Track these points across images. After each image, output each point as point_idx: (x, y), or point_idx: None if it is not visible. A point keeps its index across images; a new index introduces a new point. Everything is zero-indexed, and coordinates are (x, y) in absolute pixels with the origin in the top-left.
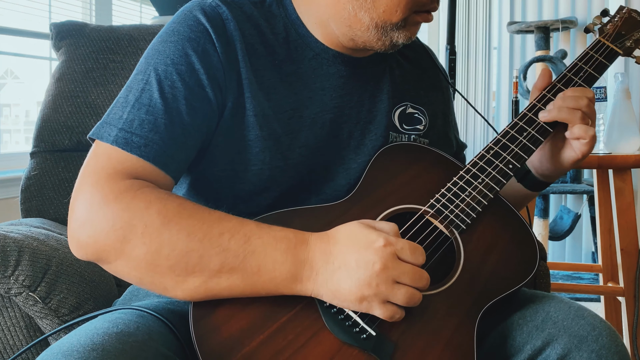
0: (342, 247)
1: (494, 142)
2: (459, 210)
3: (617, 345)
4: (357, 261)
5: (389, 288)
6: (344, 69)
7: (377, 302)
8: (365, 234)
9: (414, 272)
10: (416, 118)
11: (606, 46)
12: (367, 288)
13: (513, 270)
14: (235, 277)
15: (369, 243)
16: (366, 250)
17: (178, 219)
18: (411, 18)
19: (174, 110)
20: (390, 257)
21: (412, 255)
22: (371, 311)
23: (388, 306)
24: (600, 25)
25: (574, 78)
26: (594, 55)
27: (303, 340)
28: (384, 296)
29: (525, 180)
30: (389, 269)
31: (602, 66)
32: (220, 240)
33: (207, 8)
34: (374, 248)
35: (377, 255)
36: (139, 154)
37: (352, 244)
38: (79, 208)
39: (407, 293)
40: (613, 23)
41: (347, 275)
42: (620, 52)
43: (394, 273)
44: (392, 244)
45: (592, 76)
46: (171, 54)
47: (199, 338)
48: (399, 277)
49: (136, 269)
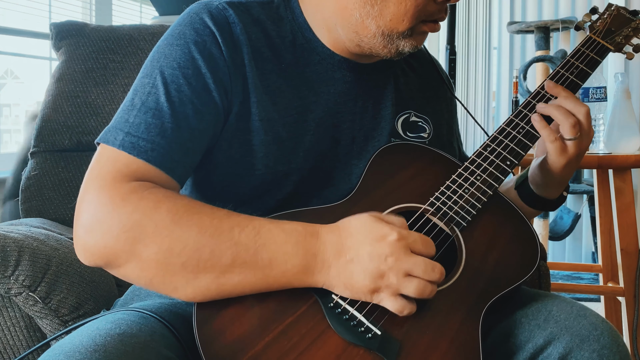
0: (354, 240)
1: (491, 139)
2: (458, 207)
3: (619, 345)
4: (370, 254)
5: (401, 280)
6: (349, 75)
7: (389, 294)
8: (378, 227)
9: (426, 265)
10: (420, 126)
11: (597, 42)
12: (379, 280)
13: (515, 265)
14: (247, 271)
15: (382, 236)
16: (379, 243)
17: (188, 216)
18: (418, 27)
19: (181, 114)
20: (403, 250)
21: (424, 247)
22: (382, 303)
23: (399, 299)
24: (590, 23)
25: (566, 74)
26: (585, 51)
27: (308, 341)
28: (395, 288)
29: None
30: (401, 261)
31: (594, 62)
32: (230, 234)
33: (214, 11)
34: (387, 241)
35: (390, 248)
36: (145, 158)
37: (365, 237)
38: (85, 213)
39: (419, 285)
40: (602, 20)
41: (360, 268)
42: (611, 47)
43: (406, 266)
44: (404, 237)
45: (585, 72)
46: (177, 57)
47: (204, 343)
48: (411, 269)
49: (147, 270)
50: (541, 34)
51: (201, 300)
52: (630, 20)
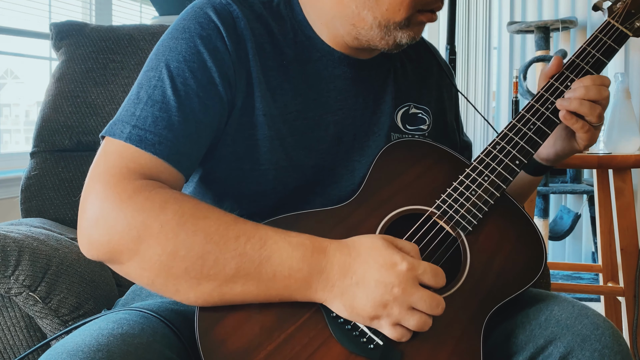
0: (362, 264)
1: (500, 136)
2: (464, 210)
3: (620, 345)
4: (377, 281)
5: (404, 313)
6: (349, 71)
7: (389, 324)
8: (389, 254)
9: (431, 300)
10: (420, 118)
11: (615, 28)
12: (381, 309)
13: (519, 272)
14: (250, 283)
15: (392, 264)
16: (387, 271)
17: (194, 220)
18: (415, 17)
19: (187, 107)
20: (411, 282)
21: (434, 279)
22: (380, 329)
23: (398, 328)
24: (610, 4)
25: (582, 64)
26: (603, 38)
27: (310, 350)
28: (396, 319)
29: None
30: (407, 293)
31: (612, 50)
32: (236, 243)
33: (218, 6)
34: (396, 270)
35: (398, 279)
36: (153, 151)
37: (374, 261)
38: (91, 207)
39: (421, 320)
40: (623, 1)
41: (364, 294)
42: (630, 33)
43: (412, 299)
44: (414, 268)
45: (601, 62)
46: (183, 50)
47: (206, 351)
48: (416, 303)
49: (149, 270)
50: (541, 34)
51: (203, 305)
52: None
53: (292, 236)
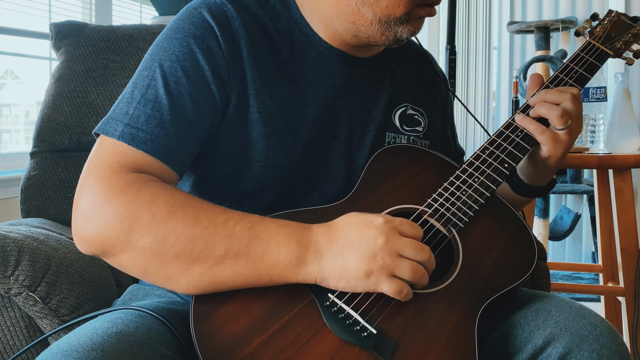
0: (343, 229)
1: (489, 142)
2: (455, 208)
3: (618, 345)
4: (360, 238)
5: (394, 260)
6: (346, 68)
7: (384, 276)
8: (364, 216)
9: (415, 245)
10: (416, 119)
11: (596, 47)
12: (372, 261)
13: (512, 267)
14: (240, 262)
15: (369, 221)
16: (366, 227)
17: (184, 208)
18: (414, 12)
19: (179, 106)
20: (391, 231)
21: (411, 228)
22: (379, 286)
23: (396, 280)
24: (590, 29)
25: (565, 78)
26: (584, 56)
27: (304, 339)
28: (389, 269)
29: (512, 183)
30: (391, 241)
31: (593, 67)
32: (225, 226)
33: (212, 6)
34: (375, 224)
35: (377, 230)
36: (144, 149)
37: (353, 224)
38: (83, 202)
39: (412, 266)
40: (602, 26)
41: (352, 253)
42: (611, 53)
43: (396, 245)
44: (390, 221)
45: (584, 76)
46: (176, 50)
47: (200, 339)
48: (401, 249)
49: (141, 259)
50: (541, 34)
51: (194, 292)
52: (630, 26)
53: (278, 221)
